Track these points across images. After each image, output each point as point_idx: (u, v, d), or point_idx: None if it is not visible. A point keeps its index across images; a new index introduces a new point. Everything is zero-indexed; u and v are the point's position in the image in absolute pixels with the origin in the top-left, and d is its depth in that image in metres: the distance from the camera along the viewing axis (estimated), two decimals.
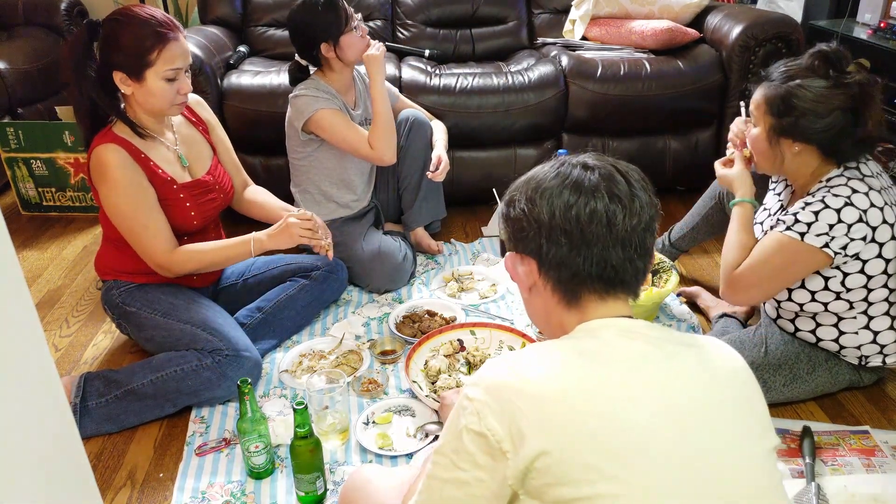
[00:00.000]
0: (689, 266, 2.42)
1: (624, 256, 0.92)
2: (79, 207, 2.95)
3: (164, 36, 1.66)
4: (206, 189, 1.88)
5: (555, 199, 0.93)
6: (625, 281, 0.94)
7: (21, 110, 3.22)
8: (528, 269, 0.97)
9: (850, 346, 1.68)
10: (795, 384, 1.71)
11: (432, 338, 1.95)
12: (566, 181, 0.93)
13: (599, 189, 0.92)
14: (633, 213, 0.92)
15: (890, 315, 1.63)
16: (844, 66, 1.51)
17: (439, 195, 2.44)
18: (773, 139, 1.59)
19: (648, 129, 2.77)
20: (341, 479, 1.57)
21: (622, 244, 0.92)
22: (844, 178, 1.56)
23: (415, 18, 3.12)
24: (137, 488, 1.60)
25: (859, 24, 2.85)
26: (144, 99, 1.71)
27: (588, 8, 2.99)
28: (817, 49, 1.54)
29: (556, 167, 0.97)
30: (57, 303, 2.33)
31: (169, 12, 3.78)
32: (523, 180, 0.99)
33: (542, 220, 0.93)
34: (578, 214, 0.91)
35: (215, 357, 1.75)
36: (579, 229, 0.91)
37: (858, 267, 1.57)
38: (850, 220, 1.52)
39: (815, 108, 1.50)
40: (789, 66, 1.56)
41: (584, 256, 0.92)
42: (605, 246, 0.91)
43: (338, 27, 2.11)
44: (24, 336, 0.79)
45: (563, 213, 0.92)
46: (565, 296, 0.95)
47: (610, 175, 0.93)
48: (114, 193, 1.71)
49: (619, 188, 0.92)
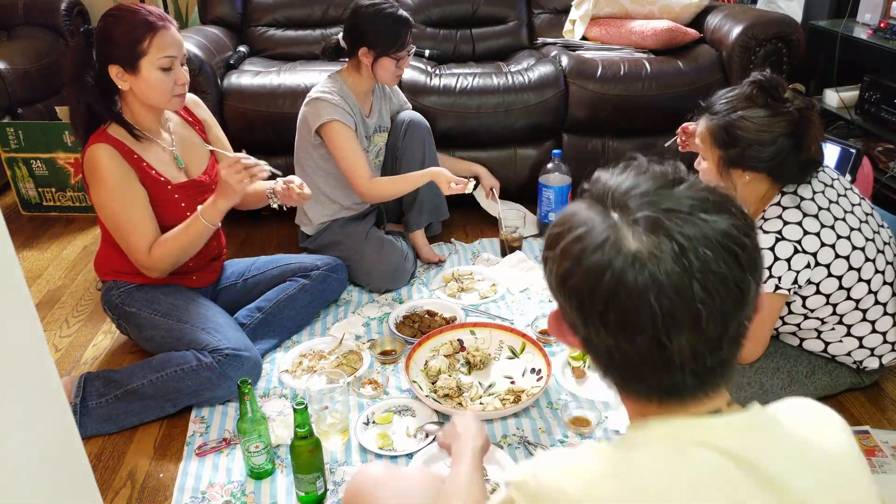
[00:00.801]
0: None
1: (684, 379, 0.68)
2: (79, 207, 2.95)
3: (154, 24, 1.67)
4: (201, 189, 1.88)
5: (586, 305, 0.68)
6: (695, 394, 0.71)
7: (21, 110, 3.22)
8: (572, 340, 0.75)
9: (840, 353, 1.68)
10: (794, 387, 1.71)
11: (432, 338, 1.95)
12: (614, 263, 0.66)
13: (647, 292, 0.64)
14: (696, 327, 0.65)
15: (867, 320, 1.64)
16: (781, 93, 1.52)
17: (440, 196, 2.44)
18: (723, 171, 1.59)
19: (648, 129, 2.77)
20: (341, 479, 1.57)
21: (681, 367, 0.67)
22: (780, 207, 1.57)
23: (415, 18, 3.09)
24: (137, 488, 1.59)
25: (859, 24, 2.85)
26: (143, 92, 1.71)
27: (588, 8, 2.99)
28: (753, 79, 1.55)
29: (604, 229, 0.67)
30: (57, 303, 2.33)
31: (169, 12, 3.78)
32: (564, 221, 0.72)
33: (571, 320, 0.72)
34: (619, 342, 0.68)
35: (215, 357, 1.75)
36: (624, 354, 0.68)
37: (813, 290, 1.59)
38: (786, 255, 1.54)
39: (760, 138, 1.52)
40: (729, 98, 1.57)
41: (638, 384, 0.71)
42: (655, 369, 0.68)
43: (389, 47, 2.11)
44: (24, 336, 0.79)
45: (601, 330, 0.68)
46: (623, 395, 0.75)
47: (654, 255, 0.64)
48: (103, 192, 1.72)
49: (670, 291, 0.64)
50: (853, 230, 1.58)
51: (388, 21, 2.10)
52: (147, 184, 1.77)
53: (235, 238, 2.67)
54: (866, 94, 2.66)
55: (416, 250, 2.45)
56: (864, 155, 2.37)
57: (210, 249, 1.97)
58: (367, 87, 2.25)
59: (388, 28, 2.10)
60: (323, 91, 2.17)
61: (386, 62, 2.14)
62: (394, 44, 2.11)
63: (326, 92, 2.16)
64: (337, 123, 2.13)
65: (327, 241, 2.31)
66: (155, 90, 1.71)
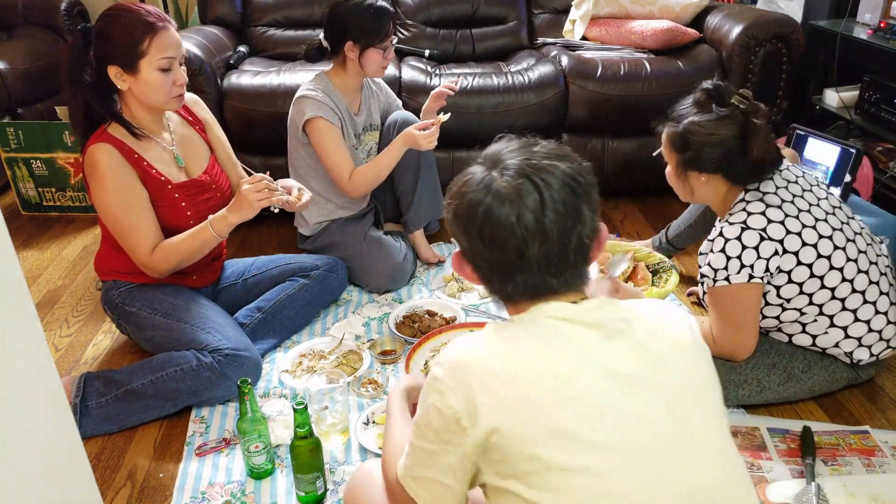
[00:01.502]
0: (690, 265, 2.42)
1: (541, 277, 0.94)
2: (79, 207, 2.95)
3: (153, 25, 1.66)
4: (202, 188, 1.88)
5: (470, 218, 0.95)
6: (556, 290, 0.96)
7: (21, 110, 3.22)
8: (470, 274, 1.02)
9: (829, 345, 1.69)
10: (791, 383, 1.71)
11: (432, 338, 1.95)
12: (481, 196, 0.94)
13: (508, 204, 0.92)
14: (544, 237, 0.92)
15: (847, 309, 1.65)
16: (728, 99, 1.61)
17: (437, 196, 2.43)
18: (681, 173, 1.70)
19: (648, 129, 2.76)
20: (341, 479, 1.57)
21: (538, 268, 0.94)
22: (744, 202, 1.64)
23: (415, 18, 3.12)
24: (137, 488, 1.59)
25: (859, 24, 2.85)
26: (142, 93, 1.71)
27: (588, 8, 2.99)
28: (703, 86, 1.67)
29: (482, 172, 0.97)
30: (57, 303, 2.33)
31: (169, 12, 3.78)
32: (459, 181, 1.01)
33: (460, 235, 0.99)
34: (491, 235, 0.94)
35: (215, 357, 1.75)
36: (493, 255, 0.95)
37: (785, 279, 1.62)
38: (752, 242, 1.60)
39: (709, 140, 1.61)
40: (684, 105, 1.68)
41: (503, 281, 0.97)
42: (521, 270, 0.95)
43: (373, 38, 2.11)
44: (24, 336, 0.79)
45: (477, 231, 0.95)
46: (503, 299, 1.01)
47: (517, 189, 0.92)
48: (103, 192, 1.72)
49: (527, 202, 0.92)
50: (818, 220, 1.62)
51: (369, 12, 2.10)
52: (148, 183, 1.77)
53: (235, 238, 2.67)
54: (866, 94, 2.66)
55: (415, 250, 2.45)
56: (864, 155, 2.37)
57: (210, 250, 1.97)
58: (354, 84, 2.25)
59: (371, 19, 2.10)
60: (307, 89, 2.18)
61: (372, 54, 2.14)
62: (378, 34, 2.11)
63: (311, 90, 2.17)
64: (320, 120, 2.13)
65: (326, 242, 2.31)
66: (154, 90, 1.71)
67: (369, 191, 2.25)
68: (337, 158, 2.16)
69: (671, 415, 0.89)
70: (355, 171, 2.18)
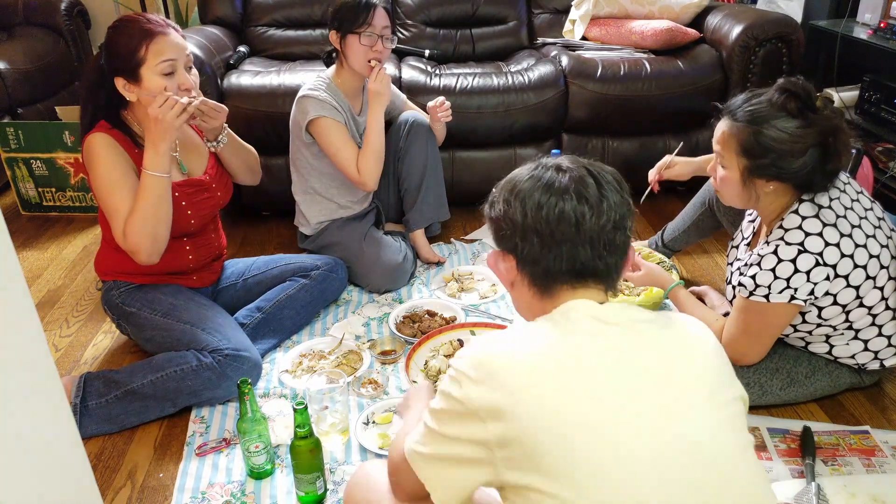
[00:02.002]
0: (690, 266, 2.42)
1: (592, 254, 0.99)
2: (79, 207, 2.95)
3: (150, 31, 1.66)
4: (201, 188, 1.88)
5: (527, 201, 1.00)
6: (596, 275, 1.00)
7: (21, 110, 3.22)
8: (509, 265, 1.05)
9: (844, 356, 1.68)
10: (793, 388, 1.71)
11: (432, 338, 1.95)
12: (538, 183, 1.01)
13: (569, 191, 0.99)
14: (601, 214, 0.98)
15: (876, 325, 1.63)
16: (813, 102, 1.48)
17: (441, 196, 2.43)
18: (748, 179, 1.56)
19: (648, 129, 2.77)
20: (341, 479, 1.57)
21: (590, 243, 0.98)
22: (799, 217, 1.54)
23: (415, 18, 3.12)
24: (137, 488, 1.59)
25: (859, 24, 2.85)
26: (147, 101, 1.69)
27: (588, 8, 2.99)
28: (784, 86, 1.50)
29: (531, 170, 1.04)
30: (57, 303, 2.33)
31: (169, 12, 3.80)
32: (503, 182, 1.07)
33: (516, 221, 1.01)
34: (548, 215, 0.98)
35: (215, 357, 1.75)
36: (549, 229, 0.98)
37: (830, 301, 1.57)
38: (807, 267, 1.51)
39: (792, 149, 1.48)
40: (758, 104, 1.51)
41: (555, 254, 0.99)
42: (574, 244, 0.98)
43: (349, 24, 2.10)
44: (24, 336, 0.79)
45: (534, 213, 0.99)
46: (540, 290, 1.03)
47: (580, 178, 1.00)
48: (96, 174, 1.71)
49: (589, 190, 0.99)
50: (868, 237, 1.56)
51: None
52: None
53: (235, 238, 2.67)
54: (866, 94, 2.66)
55: (415, 250, 2.45)
56: (864, 155, 2.38)
57: (211, 249, 1.97)
58: (355, 84, 2.25)
59: (348, 4, 2.10)
60: (310, 89, 2.17)
61: (352, 41, 2.11)
62: (354, 19, 2.09)
63: (312, 89, 2.17)
64: (325, 119, 2.13)
65: (326, 241, 2.31)
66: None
67: (379, 173, 2.21)
68: (345, 153, 2.15)
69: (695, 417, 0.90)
70: (360, 161, 2.17)
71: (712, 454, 0.88)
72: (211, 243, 1.97)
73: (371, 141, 2.17)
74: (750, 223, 1.80)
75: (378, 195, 2.45)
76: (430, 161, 2.34)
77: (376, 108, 2.16)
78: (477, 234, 2.67)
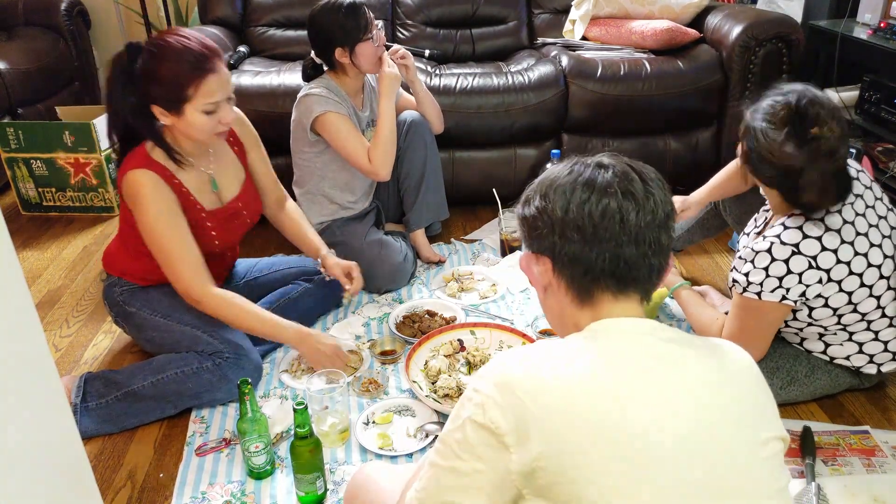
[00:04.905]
0: (690, 266, 2.42)
1: (637, 253, 0.91)
2: (79, 207, 2.95)
3: (201, 68, 1.59)
4: (232, 215, 1.86)
5: (568, 196, 0.93)
6: (638, 279, 0.93)
7: (21, 110, 3.22)
8: (543, 268, 0.97)
9: (839, 356, 1.68)
10: (793, 387, 1.71)
11: (432, 338, 1.95)
12: (579, 178, 0.93)
13: (613, 186, 0.92)
14: (646, 211, 0.91)
15: (871, 330, 1.63)
16: (808, 127, 1.43)
17: (441, 196, 2.44)
18: (744, 163, 1.57)
19: (648, 129, 2.77)
20: (341, 479, 1.57)
21: (635, 241, 0.91)
22: (802, 217, 1.54)
23: (415, 18, 3.12)
24: (137, 488, 1.59)
25: (859, 24, 2.85)
26: (184, 129, 1.67)
27: (588, 8, 2.99)
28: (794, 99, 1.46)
29: (570, 165, 0.97)
30: (57, 303, 2.33)
31: (169, 12, 3.79)
32: (538, 180, 0.99)
33: (555, 217, 0.93)
34: (591, 211, 0.91)
35: (216, 360, 1.75)
36: (592, 225, 0.91)
37: (822, 303, 1.58)
38: (799, 269, 1.52)
39: (767, 158, 1.48)
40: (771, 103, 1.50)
41: (597, 252, 0.91)
42: (619, 242, 0.91)
43: (356, 34, 2.11)
44: (24, 336, 0.79)
45: (576, 209, 0.92)
46: (578, 294, 0.95)
47: (624, 173, 0.93)
48: (148, 218, 1.68)
49: (634, 186, 0.92)
50: (873, 246, 1.55)
51: (342, 12, 2.09)
52: (185, 208, 1.74)
53: None
54: (866, 94, 2.66)
55: (416, 250, 2.45)
56: (864, 155, 2.37)
57: (226, 262, 1.97)
58: (356, 84, 2.25)
59: (346, 18, 2.09)
60: (311, 88, 2.18)
61: (362, 48, 2.12)
62: (359, 29, 2.10)
63: (314, 87, 2.17)
64: (330, 114, 2.13)
65: (327, 242, 2.30)
66: (197, 131, 1.66)
67: (391, 161, 2.20)
68: (354, 144, 2.15)
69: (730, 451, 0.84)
70: (371, 152, 2.17)
71: (747, 500, 0.83)
72: (227, 259, 1.97)
73: (382, 129, 2.17)
74: (764, 212, 1.79)
75: (378, 195, 2.45)
76: (430, 161, 2.34)
77: (387, 96, 2.16)
78: (477, 234, 2.67)
